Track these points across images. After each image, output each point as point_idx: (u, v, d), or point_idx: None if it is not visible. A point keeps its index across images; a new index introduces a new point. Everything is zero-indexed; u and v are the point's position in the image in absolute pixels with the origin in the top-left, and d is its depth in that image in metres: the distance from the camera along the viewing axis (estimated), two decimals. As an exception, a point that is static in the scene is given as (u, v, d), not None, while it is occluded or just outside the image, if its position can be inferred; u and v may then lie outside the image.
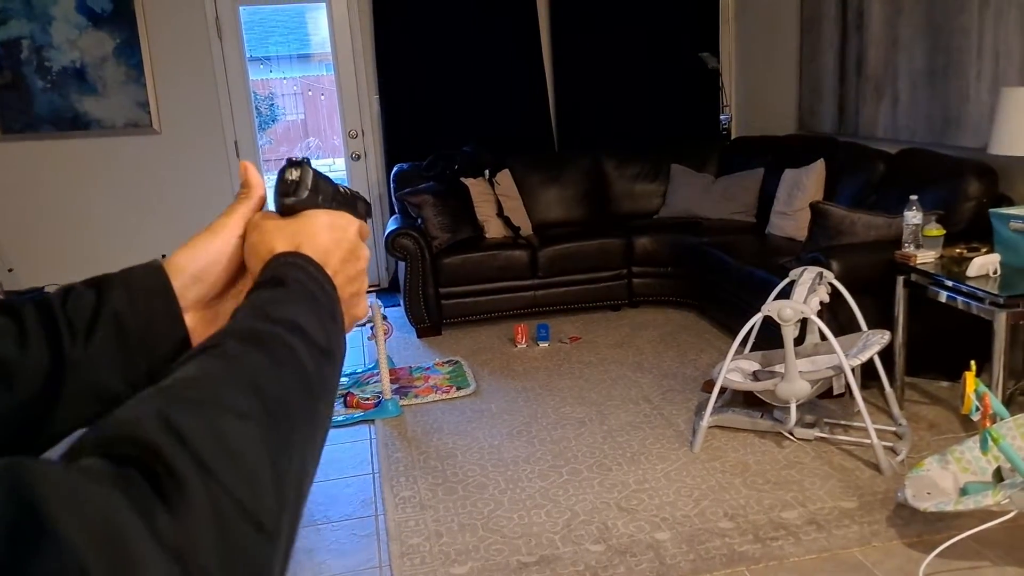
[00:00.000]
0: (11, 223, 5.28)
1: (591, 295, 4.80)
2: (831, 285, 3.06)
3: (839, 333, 3.03)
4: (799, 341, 3.07)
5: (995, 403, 2.29)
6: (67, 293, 0.60)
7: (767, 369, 3.14)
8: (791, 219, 4.41)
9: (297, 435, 0.47)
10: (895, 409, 3.11)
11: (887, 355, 3.11)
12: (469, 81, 5.52)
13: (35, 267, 5.28)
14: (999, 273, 2.90)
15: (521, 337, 4.36)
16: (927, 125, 3.90)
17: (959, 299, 2.90)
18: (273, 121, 7.86)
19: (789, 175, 4.52)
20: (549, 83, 5.69)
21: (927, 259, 3.08)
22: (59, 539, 0.32)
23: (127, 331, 0.60)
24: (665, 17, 5.65)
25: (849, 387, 2.86)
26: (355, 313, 0.67)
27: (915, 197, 3.15)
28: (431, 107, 5.50)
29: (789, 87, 5.18)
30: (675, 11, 5.66)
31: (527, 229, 4.98)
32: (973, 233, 3.22)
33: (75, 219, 5.35)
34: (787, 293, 3.01)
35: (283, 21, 7.21)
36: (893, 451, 2.90)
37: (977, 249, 3.06)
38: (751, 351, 3.29)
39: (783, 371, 2.90)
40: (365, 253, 0.68)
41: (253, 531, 0.40)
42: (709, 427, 3.12)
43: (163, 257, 0.65)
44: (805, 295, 2.92)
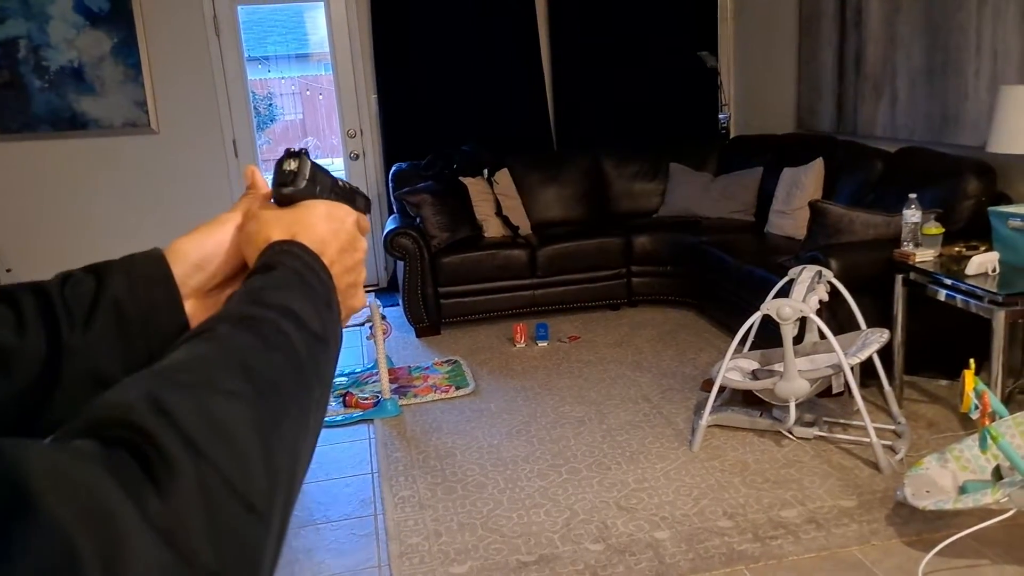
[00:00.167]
0: (9, 223, 5.27)
1: (590, 294, 4.80)
2: (830, 284, 3.06)
3: (838, 332, 3.03)
4: (798, 340, 3.06)
5: (994, 401, 2.29)
6: (66, 279, 0.60)
7: (766, 368, 3.14)
8: (790, 218, 4.41)
9: (288, 417, 0.47)
10: (894, 408, 3.11)
11: (886, 354, 3.11)
12: (468, 80, 5.52)
13: (33, 267, 5.27)
14: (998, 271, 2.90)
15: (520, 336, 4.36)
16: (926, 123, 3.90)
17: (958, 297, 2.90)
18: (271, 121, 7.85)
19: (788, 174, 4.52)
20: (548, 82, 5.69)
21: (926, 257, 3.08)
22: (45, 518, 0.32)
23: (127, 318, 0.60)
24: (664, 16, 5.65)
25: (848, 386, 2.86)
26: (352, 304, 0.66)
27: (914, 195, 3.15)
28: (430, 106, 5.49)
29: (788, 86, 5.17)
30: (674, 10, 5.66)
31: (526, 228, 4.98)
32: (972, 231, 3.22)
33: (73, 219, 5.34)
34: (786, 292, 3.01)
35: (281, 21, 7.20)
36: (892, 450, 2.90)
37: (976, 247, 3.06)
38: (750, 350, 3.28)
39: (782, 370, 2.90)
40: (362, 244, 0.68)
41: (244, 511, 0.40)
42: (708, 426, 3.12)
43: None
44: (804, 294, 2.92)
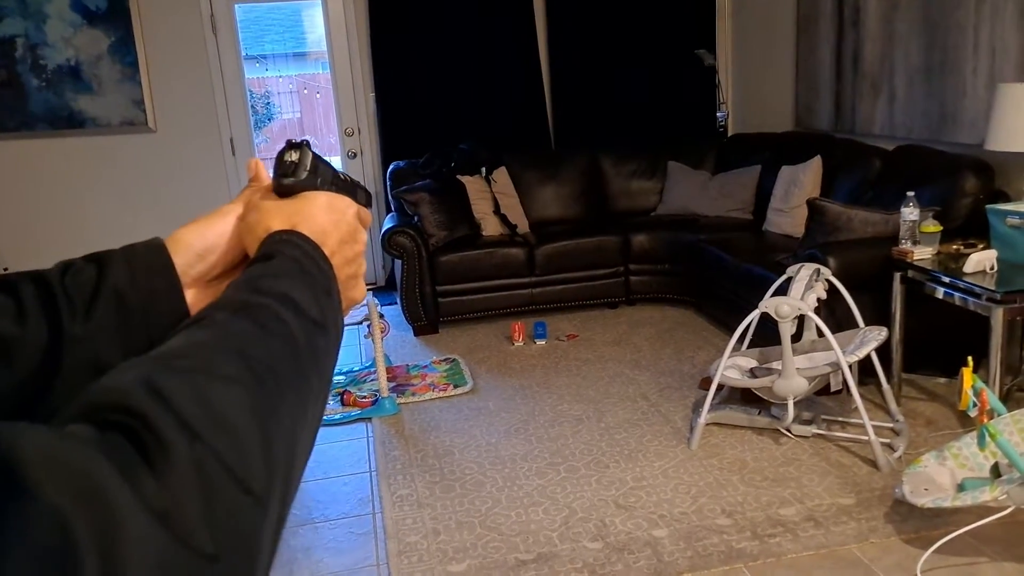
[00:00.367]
0: (6, 222, 5.26)
1: (588, 293, 4.80)
2: (828, 282, 3.06)
3: (836, 330, 3.04)
4: (796, 338, 3.06)
5: (992, 399, 2.29)
6: (66, 269, 0.60)
7: (764, 366, 3.14)
8: (788, 216, 4.41)
9: (286, 403, 0.47)
10: (892, 405, 3.11)
11: (884, 351, 3.11)
12: (465, 78, 5.51)
13: (30, 266, 5.19)
14: (996, 269, 2.90)
15: (518, 335, 4.35)
16: (924, 121, 3.90)
17: (956, 295, 2.91)
18: (269, 119, 7.83)
19: (786, 172, 4.52)
20: (546, 80, 5.68)
21: (924, 255, 3.08)
22: (41, 501, 0.32)
23: (128, 307, 0.60)
24: (662, 14, 5.65)
25: (846, 384, 2.86)
26: (352, 296, 0.66)
27: (912, 193, 3.15)
28: (427, 105, 5.49)
29: (786, 84, 5.17)
30: (672, 8, 5.65)
31: (524, 227, 4.97)
32: (970, 229, 3.22)
33: (70, 218, 5.33)
34: (784, 290, 3.01)
35: (279, 19, 7.19)
36: (890, 447, 2.91)
37: (974, 245, 3.06)
38: (748, 348, 3.28)
39: (780, 368, 2.90)
40: (363, 237, 0.67)
41: (241, 495, 0.40)
42: (706, 424, 3.12)
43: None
44: (802, 292, 2.92)
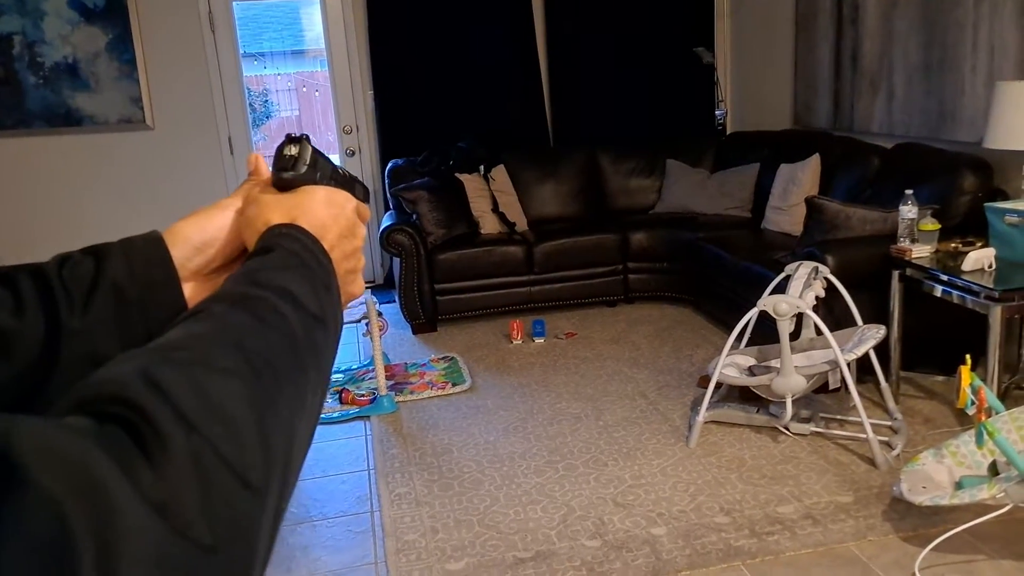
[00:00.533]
0: (3, 220, 5.25)
1: (587, 291, 4.80)
2: (827, 280, 3.06)
3: (834, 328, 3.04)
4: (795, 336, 3.06)
5: (990, 397, 2.29)
6: (64, 261, 0.60)
7: (763, 364, 3.14)
8: (786, 214, 4.41)
9: (284, 395, 0.47)
10: (891, 404, 3.12)
11: (882, 350, 3.11)
12: (464, 76, 5.51)
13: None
14: (994, 267, 2.90)
15: (517, 333, 4.35)
16: (922, 119, 3.90)
17: (954, 293, 2.91)
18: (267, 117, 7.83)
19: (784, 170, 4.52)
20: (544, 78, 5.68)
21: (922, 253, 3.08)
22: (37, 492, 0.32)
23: (126, 300, 0.60)
24: (660, 12, 5.64)
25: (845, 382, 2.86)
26: (351, 290, 0.66)
27: (910, 191, 3.15)
28: (426, 102, 5.48)
29: (784, 82, 5.17)
30: (670, 6, 5.65)
31: (522, 225, 4.97)
32: (968, 227, 3.22)
33: (68, 216, 5.32)
34: (783, 288, 3.01)
35: (277, 17, 7.18)
36: (889, 445, 2.91)
37: (972, 243, 3.06)
38: (747, 346, 3.29)
39: (779, 366, 2.90)
40: (362, 231, 0.68)
41: (239, 486, 0.40)
42: (705, 422, 3.12)
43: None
44: (801, 290, 2.92)
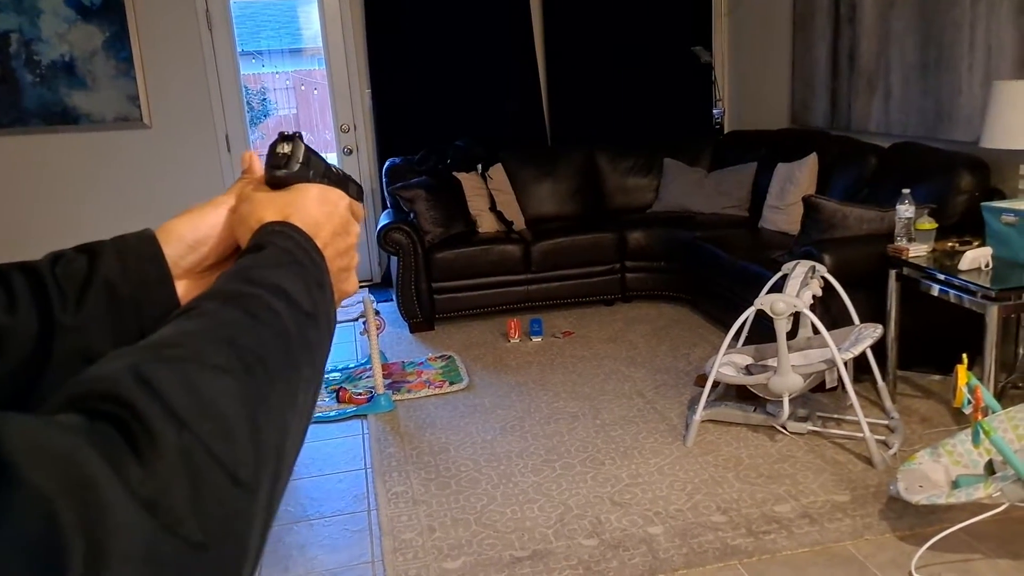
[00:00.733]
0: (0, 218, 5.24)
1: (584, 290, 4.80)
2: (824, 279, 3.06)
3: (831, 327, 3.04)
4: (792, 335, 3.07)
5: (987, 396, 2.29)
6: (57, 259, 0.60)
7: (760, 363, 3.15)
8: (783, 213, 4.41)
9: (277, 393, 0.47)
10: (887, 403, 3.12)
11: (879, 349, 3.11)
12: (462, 75, 5.50)
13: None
14: (991, 266, 2.90)
15: (514, 332, 4.35)
16: (919, 119, 3.91)
17: (951, 292, 2.91)
18: (265, 116, 7.83)
19: (782, 169, 4.52)
20: (542, 77, 5.67)
21: (919, 253, 3.08)
22: (26, 489, 0.32)
23: (119, 297, 0.60)
24: (658, 11, 5.64)
25: (842, 381, 2.86)
26: (345, 288, 0.66)
27: (907, 191, 3.15)
28: (423, 101, 5.48)
29: (782, 81, 5.17)
30: (668, 5, 5.65)
31: (520, 224, 4.97)
32: (965, 227, 3.23)
33: (65, 214, 5.31)
34: (780, 287, 3.01)
35: (274, 15, 7.18)
36: (885, 444, 2.91)
37: (969, 243, 3.07)
38: (744, 345, 3.29)
39: (776, 365, 2.90)
40: (355, 229, 0.67)
41: (229, 483, 0.40)
42: (702, 421, 3.12)
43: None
44: (798, 289, 2.93)
